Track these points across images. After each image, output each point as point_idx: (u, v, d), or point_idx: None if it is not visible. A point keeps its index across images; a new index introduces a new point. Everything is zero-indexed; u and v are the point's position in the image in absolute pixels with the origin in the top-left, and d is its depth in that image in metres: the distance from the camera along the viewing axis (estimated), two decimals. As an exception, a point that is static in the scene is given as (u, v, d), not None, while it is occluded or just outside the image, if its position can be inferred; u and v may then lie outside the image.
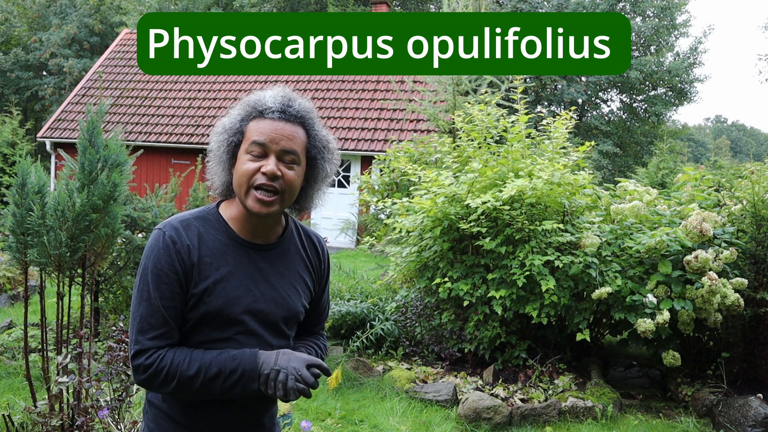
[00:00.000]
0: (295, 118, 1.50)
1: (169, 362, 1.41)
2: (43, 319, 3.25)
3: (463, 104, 7.66)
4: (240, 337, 1.50)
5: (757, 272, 4.53)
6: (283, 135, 1.47)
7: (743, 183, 4.85)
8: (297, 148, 1.48)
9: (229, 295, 1.48)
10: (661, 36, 24.32)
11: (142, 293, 1.45)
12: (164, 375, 1.41)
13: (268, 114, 1.48)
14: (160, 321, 1.43)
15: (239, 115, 1.51)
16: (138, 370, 1.43)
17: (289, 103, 1.50)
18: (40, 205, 2.98)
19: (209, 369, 1.42)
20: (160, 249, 1.45)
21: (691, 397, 4.49)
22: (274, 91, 1.52)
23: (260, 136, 1.46)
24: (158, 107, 15.36)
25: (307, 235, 1.68)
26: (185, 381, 1.41)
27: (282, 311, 1.56)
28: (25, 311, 3.34)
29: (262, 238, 1.56)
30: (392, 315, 5.39)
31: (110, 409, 3.08)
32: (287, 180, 1.47)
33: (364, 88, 14.63)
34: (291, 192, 1.49)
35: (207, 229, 1.51)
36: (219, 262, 1.48)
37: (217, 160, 1.53)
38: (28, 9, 25.84)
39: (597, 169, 20.79)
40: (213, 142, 1.54)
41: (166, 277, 1.44)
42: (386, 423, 4.09)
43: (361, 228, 11.54)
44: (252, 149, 1.46)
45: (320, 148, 1.54)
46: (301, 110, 1.51)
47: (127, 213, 4.92)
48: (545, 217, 4.84)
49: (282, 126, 1.47)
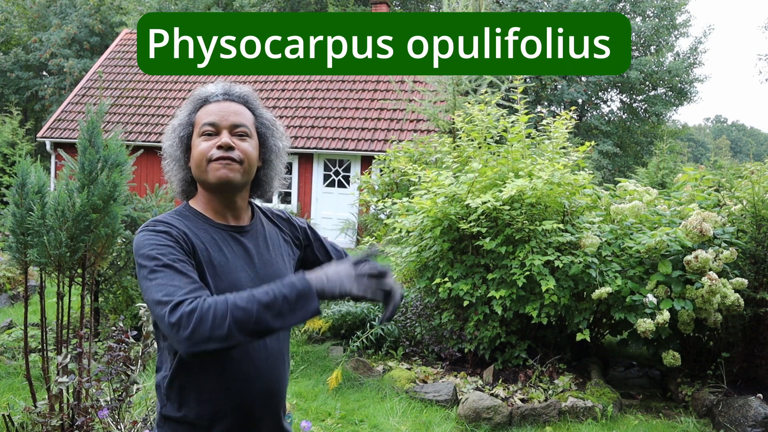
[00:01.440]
0: (238, 99, 1.57)
1: (213, 302, 1.26)
2: (43, 319, 3.25)
3: (463, 104, 7.66)
4: None
5: (757, 272, 4.52)
6: (230, 111, 1.53)
7: (743, 183, 4.85)
8: (246, 122, 1.54)
9: (230, 278, 1.49)
10: (661, 36, 24.32)
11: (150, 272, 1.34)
12: (212, 316, 1.24)
13: (213, 98, 1.55)
14: (187, 280, 1.33)
15: (187, 109, 1.58)
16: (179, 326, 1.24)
17: (230, 87, 1.58)
18: (40, 205, 2.98)
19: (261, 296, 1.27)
20: (155, 235, 1.41)
21: (691, 397, 4.49)
22: (215, 83, 1.61)
23: (209, 117, 1.52)
24: (158, 107, 15.37)
25: (271, 212, 1.74)
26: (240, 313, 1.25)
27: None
28: (25, 311, 3.34)
29: (236, 220, 1.59)
30: (392, 315, 5.38)
31: (110, 409, 3.08)
32: (242, 149, 1.51)
33: (364, 88, 14.63)
34: (249, 162, 1.53)
35: (188, 223, 1.52)
36: (213, 249, 1.50)
37: (171, 157, 1.57)
38: (28, 9, 25.84)
39: (597, 169, 20.79)
40: (165, 143, 1.58)
41: (174, 249, 1.39)
42: (386, 423, 4.09)
43: (361, 228, 11.54)
44: (204, 131, 1.51)
45: (268, 125, 1.60)
46: (242, 92, 1.59)
47: (127, 213, 4.92)
48: (545, 217, 4.84)
49: (228, 105, 1.54)
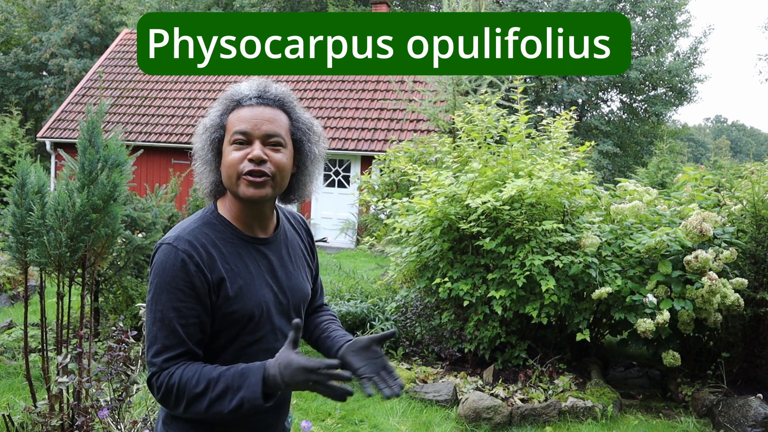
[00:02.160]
0: (273, 102, 1.47)
1: (177, 380, 1.35)
2: (43, 319, 3.25)
3: (463, 104, 7.66)
4: (268, 334, 1.50)
5: (757, 272, 4.52)
6: (263, 119, 1.44)
7: (743, 183, 4.85)
8: (280, 131, 1.45)
9: (256, 296, 1.46)
10: (661, 36, 24.32)
11: (155, 313, 1.38)
12: (175, 393, 1.35)
13: (245, 102, 1.46)
14: (177, 341, 1.37)
15: (218, 110, 1.49)
16: (153, 390, 1.39)
17: (265, 88, 1.48)
18: (40, 205, 2.98)
19: (216, 385, 1.34)
20: (175, 266, 1.37)
21: (691, 397, 4.49)
22: (250, 81, 1.50)
23: (241, 125, 1.43)
24: (158, 107, 15.36)
25: (294, 218, 1.70)
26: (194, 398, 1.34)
27: (299, 298, 1.58)
28: (25, 311, 3.34)
29: (263, 231, 1.55)
30: (392, 315, 5.39)
31: (110, 409, 3.08)
32: (275, 162, 1.43)
33: (364, 88, 14.63)
34: (282, 175, 1.46)
35: (217, 234, 1.47)
36: (238, 266, 1.46)
37: (202, 160, 1.50)
38: (28, 9, 25.84)
39: (597, 169, 20.80)
40: (196, 143, 1.51)
41: (183, 294, 1.37)
42: (386, 423, 4.09)
43: (361, 228, 11.54)
44: (236, 139, 1.43)
45: (304, 130, 1.51)
46: (278, 94, 1.49)
47: (127, 213, 4.92)
48: (545, 217, 4.84)
49: (261, 111, 1.45)
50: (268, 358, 1.42)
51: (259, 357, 1.46)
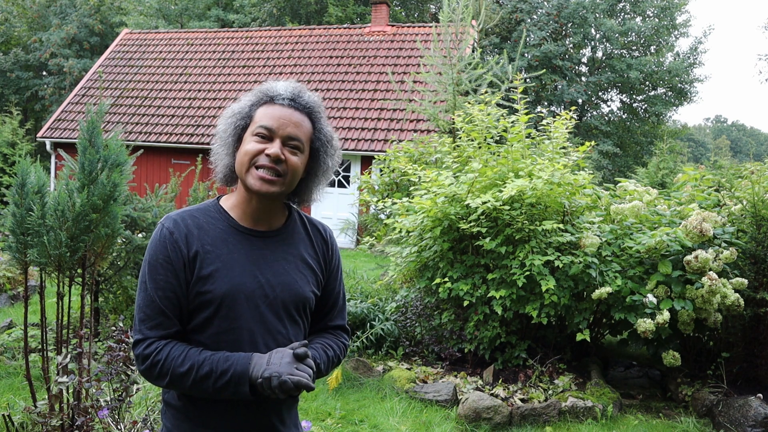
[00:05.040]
0: (303, 108, 1.53)
1: (164, 357, 1.44)
2: (43, 319, 3.25)
3: (463, 104, 7.66)
4: (251, 325, 1.49)
5: (757, 272, 4.52)
6: (290, 121, 1.50)
7: (743, 183, 4.85)
8: (302, 137, 1.51)
9: (233, 281, 1.48)
10: (661, 36, 24.34)
11: (141, 284, 1.49)
12: (159, 368, 1.44)
13: (278, 100, 1.52)
14: (156, 311, 1.46)
15: (250, 100, 1.55)
16: (137, 359, 1.47)
17: (299, 93, 1.54)
18: (40, 205, 2.97)
19: (201, 368, 1.42)
20: (157, 241, 1.49)
21: (691, 397, 4.49)
22: (286, 82, 1.56)
23: (268, 121, 1.49)
24: (158, 107, 15.36)
25: (312, 224, 1.70)
26: (177, 377, 1.43)
27: (290, 296, 1.56)
28: (25, 311, 3.34)
29: (264, 224, 1.57)
30: (392, 315, 5.39)
31: (110, 409, 3.08)
32: (290, 164, 1.49)
33: (364, 88, 14.63)
34: (293, 177, 1.51)
35: (207, 219, 1.53)
36: (220, 249, 1.50)
37: (222, 142, 1.56)
38: (28, 9, 25.85)
39: (597, 169, 20.80)
40: (220, 125, 1.57)
41: (162, 267, 1.46)
42: (386, 423, 4.09)
43: (361, 228, 11.54)
44: (259, 132, 1.49)
45: (324, 141, 1.57)
46: (310, 102, 1.55)
47: (127, 213, 4.92)
48: (545, 217, 4.84)
49: (290, 113, 1.51)
50: (252, 349, 1.48)
51: (240, 346, 1.48)
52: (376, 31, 16.12)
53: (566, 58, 24.25)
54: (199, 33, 17.97)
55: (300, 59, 15.97)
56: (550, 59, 23.32)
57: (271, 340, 1.51)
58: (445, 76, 9.11)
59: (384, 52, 15.52)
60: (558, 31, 24.06)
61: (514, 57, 14.86)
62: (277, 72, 15.67)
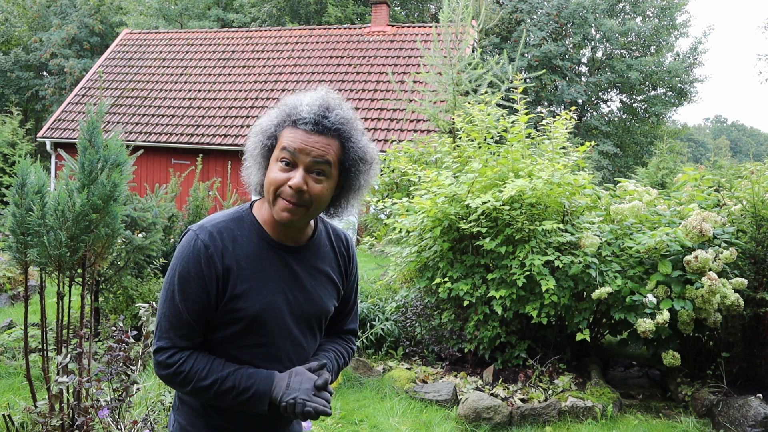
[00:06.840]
0: (329, 131, 1.43)
1: (188, 368, 1.45)
2: (43, 319, 3.25)
3: (463, 104, 7.66)
4: (278, 341, 1.51)
5: (757, 272, 4.52)
6: (313, 147, 1.42)
7: (743, 183, 4.85)
8: (328, 160, 1.43)
9: (266, 300, 1.48)
10: (661, 36, 24.35)
11: (167, 292, 1.47)
12: (182, 378, 1.45)
13: (300, 125, 1.43)
14: (182, 322, 1.45)
15: (275, 118, 1.48)
16: (159, 365, 1.47)
17: (324, 113, 1.43)
18: (40, 205, 2.98)
19: (224, 383, 1.44)
20: (190, 252, 1.45)
21: (691, 397, 4.49)
22: (312, 98, 1.46)
23: (291, 145, 1.42)
24: (158, 107, 15.36)
25: (336, 235, 1.69)
26: (199, 389, 1.45)
27: (315, 311, 1.58)
28: (25, 311, 3.34)
29: (293, 240, 1.56)
30: (392, 315, 5.39)
31: (110, 409, 3.08)
32: (314, 194, 1.44)
33: (364, 88, 14.64)
34: (318, 204, 1.46)
35: (242, 231, 1.50)
36: (255, 266, 1.48)
37: (252, 160, 1.52)
38: (29, 9, 25.85)
39: (597, 169, 20.81)
40: (250, 142, 1.52)
41: (193, 281, 1.44)
42: (386, 423, 4.09)
43: (361, 228, 11.53)
44: (282, 156, 1.43)
45: (355, 159, 1.48)
46: (336, 122, 1.44)
47: (127, 213, 4.92)
48: (545, 217, 4.84)
49: (314, 139, 1.42)
50: (275, 365, 1.50)
51: (267, 359, 1.50)
52: (376, 31, 16.12)
53: (566, 58, 24.26)
54: (199, 33, 17.98)
55: (300, 59, 15.97)
56: (550, 59, 23.34)
57: (294, 353, 1.55)
58: (445, 76, 9.11)
59: (384, 52, 15.53)
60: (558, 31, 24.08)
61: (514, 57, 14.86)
62: (277, 72, 15.67)
